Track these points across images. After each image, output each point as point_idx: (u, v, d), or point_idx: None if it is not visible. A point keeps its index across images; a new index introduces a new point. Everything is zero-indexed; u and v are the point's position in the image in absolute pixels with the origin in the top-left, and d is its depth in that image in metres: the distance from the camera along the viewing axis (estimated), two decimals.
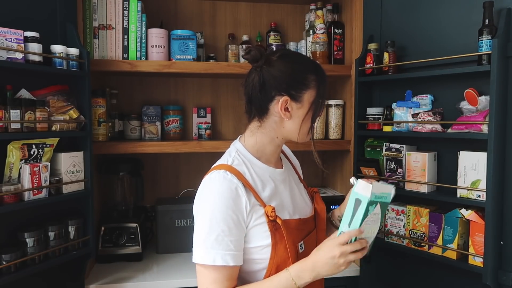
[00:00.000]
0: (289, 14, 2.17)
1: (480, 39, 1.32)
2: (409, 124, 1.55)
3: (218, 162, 1.07)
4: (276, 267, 0.99)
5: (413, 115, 1.53)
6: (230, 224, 0.95)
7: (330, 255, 0.93)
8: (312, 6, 1.95)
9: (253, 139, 1.07)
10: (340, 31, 1.93)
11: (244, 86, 1.06)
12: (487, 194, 1.29)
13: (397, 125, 1.59)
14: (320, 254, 0.95)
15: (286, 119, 1.03)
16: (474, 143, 1.38)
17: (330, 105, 1.92)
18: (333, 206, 1.70)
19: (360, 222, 0.92)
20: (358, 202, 0.93)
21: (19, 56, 1.31)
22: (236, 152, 1.06)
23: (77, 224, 1.50)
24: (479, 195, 1.33)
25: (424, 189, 1.49)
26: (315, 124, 1.09)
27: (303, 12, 2.15)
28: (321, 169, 1.91)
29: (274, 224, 0.99)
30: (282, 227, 0.99)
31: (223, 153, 1.10)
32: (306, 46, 1.99)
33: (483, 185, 1.32)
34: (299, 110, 1.03)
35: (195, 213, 1.01)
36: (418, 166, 1.50)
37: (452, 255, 1.42)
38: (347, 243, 0.93)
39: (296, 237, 1.04)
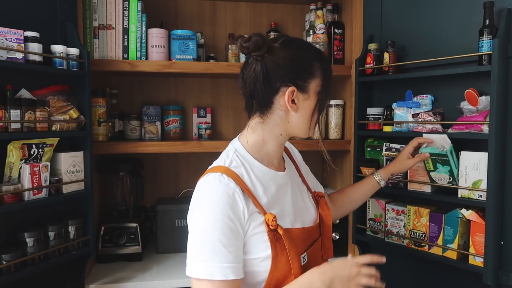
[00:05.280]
0: (289, 14, 2.17)
1: (480, 39, 1.31)
2: (409, 124, 1.54)
3: (215, 163, 0.98)
4: (275, 281, 0.91)
5: (414, 115, 1.53)
6: (227, 232, 0.85)
7: (346, 273, 0.90)
8: (312, 6, 1.95)
9: (254, 137, 0.99)
10: (340, 31, 1.93)
11: (242, 79, 0.96)
12: (488, 194, 1.29)
13: (397, 125, 1.59)
14: (335, 269, 0.91)
15: (292, 112, 0.94)
16: (475, 143, 1.38)
17: (330, 105, 1.92)
18: None
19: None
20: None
21: (19, 56, 1.30)
22: (234, 153, 0.97)
23: (77, 224, 1.49)
24: (481, 195, 1.33)
25: (427, 189, 1.49)
26: (321, 117, 1.01)
27: (303, 12, 2.15)
28: (331, 166, 1.89)
29: (274, 234, 0.90)
30: (284, 238, 0.91)
31: None
32: None
33: (484, 185, 1.32)
34: (305, 102, 0.95)
35: (189, 220, 0.91)
36: (419, 165, 1.49)
37: (452, 255, 1.42)
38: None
39: (299, 249, 0.96)
